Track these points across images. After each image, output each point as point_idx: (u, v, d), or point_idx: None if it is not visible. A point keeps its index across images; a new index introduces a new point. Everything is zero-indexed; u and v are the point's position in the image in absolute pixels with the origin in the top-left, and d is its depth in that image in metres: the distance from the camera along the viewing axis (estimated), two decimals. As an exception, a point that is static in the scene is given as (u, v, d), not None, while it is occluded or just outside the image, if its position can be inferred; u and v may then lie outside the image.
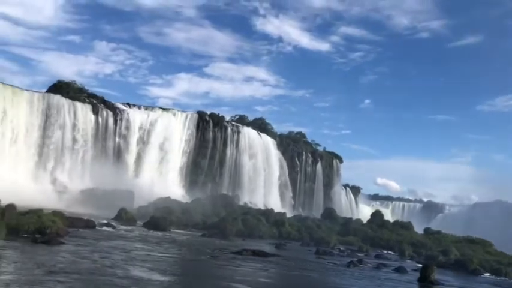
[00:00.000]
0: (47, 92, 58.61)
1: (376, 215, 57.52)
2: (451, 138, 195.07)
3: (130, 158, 60.84)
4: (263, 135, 74.41)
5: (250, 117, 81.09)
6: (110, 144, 59.89)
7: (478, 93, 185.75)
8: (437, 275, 22.38)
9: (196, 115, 67.35)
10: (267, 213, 48.48)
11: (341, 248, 37.10)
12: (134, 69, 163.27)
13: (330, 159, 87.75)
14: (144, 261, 19.49)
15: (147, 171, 60.82)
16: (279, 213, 51.34)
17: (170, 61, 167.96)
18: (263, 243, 33.52)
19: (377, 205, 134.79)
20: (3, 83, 52.36)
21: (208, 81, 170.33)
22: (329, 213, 57.78)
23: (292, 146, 79.93)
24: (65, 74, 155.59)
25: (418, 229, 55.10)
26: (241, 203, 61.79)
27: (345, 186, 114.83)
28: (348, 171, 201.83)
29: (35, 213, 23.78)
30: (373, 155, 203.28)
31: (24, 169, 51.48)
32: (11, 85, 53.30)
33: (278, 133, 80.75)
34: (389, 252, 40.38)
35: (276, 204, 68.96)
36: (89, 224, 30.45)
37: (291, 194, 76.24)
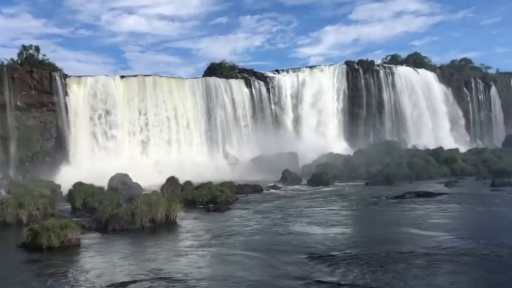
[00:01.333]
0: (203, 76, 64.17)
1: None
2: None
3: (288, 121, 62.80)
4: (420, 70, 68.98)
5: (405, 55, 75.85)
6: (268, 112, 62.69)
7: None
8: None
9: (343, 66, 65.79)
10: (436, 152, 45.47)
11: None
12: (281, 34, 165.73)
13: (507, 80, 77.01)
14: (304, 217, 20.22)
15: (306, 131, 62.00)
16: (450, 150, 47.68)
17: (313, 17, 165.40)
18: (432, 183, 31.65)
19: None
20: (167, 77, 59.03)
21: (355, 28, 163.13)
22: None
23: (456, 75, 72.44)
24: (221, 56, 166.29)
25: None
26: (408, 146, 59.00)
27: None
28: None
29: (206, 186, 26.50)
30: None
31: (200, 149, 57.65)
32: (173, 76, 59.80)
33: (438, 65, 74.03)
34: None
35: (448, 141, 63.74)
36: (256, 189, 32.73)
37: (464, 128, 69.69)
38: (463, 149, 53.94)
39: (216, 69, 64.24)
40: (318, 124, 63.29)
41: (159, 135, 54.55)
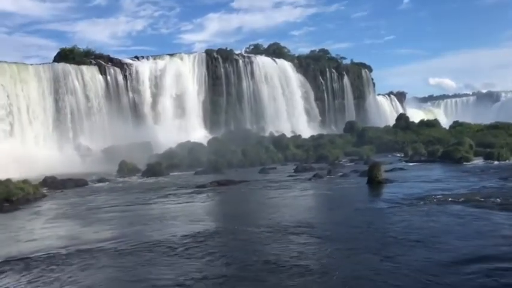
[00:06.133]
0: (53, 62, 59.97)
1: (401, 118, 55.05)
2: (502, 20, 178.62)
3: (147, 109, 61.54)
4: (279, 60, 71.84)
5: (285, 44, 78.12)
6: (125, 100, 60.75)
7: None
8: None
9: (203, 54, 66.09)
10: (279, 139, 47.74)
11: (340, 161, 35.78)
12: (164, 19, 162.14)
13: (358, 70, 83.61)
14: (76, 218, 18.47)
15: (165, 120, 61.27)
16: (294, 137, 50.53)
17: (196, 4, 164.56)
18: (254, 171, 32.93)
19: (428, 106, 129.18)
20: (7, 62, 53.95)
21: (238, 16, 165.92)
22: (351, 126, 55.65)
23: (313, 66, 76.74)
24: (101, 39, 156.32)
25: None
26: (267, 133, 61.10)
27: (389, 94, 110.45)
28: (397, 78, 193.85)
29: (3, 184, 24.59)
30: (422, 56, 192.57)
31: (46, 141, 53.96)
32: (15, 62, 54.91)
33: (296, 55, 77.83)
34: (400, 154, 38.28)
35: (303, 127, 67.71)
36: (79, 183, 31.11)
37: (318, 115, 74.29)
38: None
39: (68, 55, 60.46)
40: (178, 112, 62.96)
41: (-3, 126, 50.02)
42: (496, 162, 27.30)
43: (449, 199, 14.51)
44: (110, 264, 11.08)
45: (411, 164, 29.75)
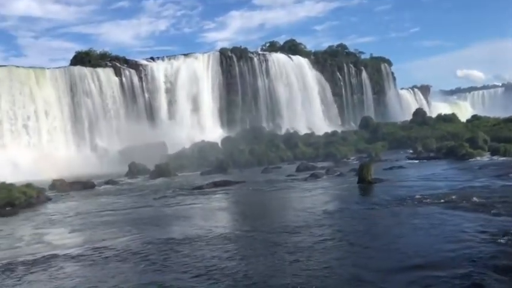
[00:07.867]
0: (70, 65, 61.12)
1: (418, 113, 53.74)
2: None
3: (162, 110, 62.05)
4: (295, 57, 71.13)
5: (302, 40, 77.70)
6: (141, 101, 61.46)
7: None
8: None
9: (217, 53, 66.09)
10: (290, 137, 47.32)
11: (348, 159, 35.05)
12: (186, 19, 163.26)
13: (377, 64, 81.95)
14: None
15: (180, 120, 61.63)
16: (307, 135, 49.98)
17: (218, 2, 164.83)
18: (258, 170, 32.56)
19: (454, 99, 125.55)
20: (25, 67, 55.36)
21: (260, 13, 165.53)
22: (366, 122, 54.46)
23: (330, 61, 75.66)
24: (125, 41, 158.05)
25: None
26: (283, 131, 60.52)
27: (413, 87, 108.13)
28: (423, 71, 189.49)
29: (5, 188, 25.08)
30: (449, 47, 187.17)
31: (65, 143, 55.23)
32: (32, 67, 56.31)
33: (313, 51, 76.93)
34: (410, 150, 37.24)
35: (320, 124, 66.92)
36: (86, 186, 31.52)
37: (336, 111, 73.25)
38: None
39: (84, 58, 61.49)
40: (193, 112, 63.23)
41: (17, 130, 51.52)
42: (502, 158, 26.17)
43: (428, 200, 13.96)
44: (72, 273, 10.97)
45: (415, 161, 28.93)
